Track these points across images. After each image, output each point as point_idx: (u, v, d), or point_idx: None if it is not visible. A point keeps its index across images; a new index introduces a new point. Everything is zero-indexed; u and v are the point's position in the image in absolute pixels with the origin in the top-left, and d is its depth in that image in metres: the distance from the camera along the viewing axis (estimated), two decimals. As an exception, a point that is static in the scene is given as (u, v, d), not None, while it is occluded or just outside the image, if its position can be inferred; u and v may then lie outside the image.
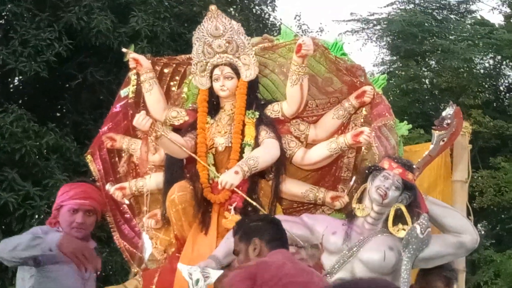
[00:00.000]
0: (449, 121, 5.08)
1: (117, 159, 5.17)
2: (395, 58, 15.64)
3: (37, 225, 9.82)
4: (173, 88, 5.16)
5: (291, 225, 4.30)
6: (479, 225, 12.11)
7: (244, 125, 4.75)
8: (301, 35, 5.16)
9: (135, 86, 5.04)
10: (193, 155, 4.72)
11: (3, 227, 10.05)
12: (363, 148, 4.66)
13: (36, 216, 10.04)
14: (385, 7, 16.23)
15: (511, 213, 13.02)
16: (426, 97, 13.97)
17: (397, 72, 14.68)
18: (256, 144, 4.70)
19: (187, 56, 5.05)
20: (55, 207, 4.59)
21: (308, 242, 4.44)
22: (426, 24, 15.21)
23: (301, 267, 3.78)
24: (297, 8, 41.51)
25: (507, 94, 14.59)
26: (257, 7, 14.85)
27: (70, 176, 10.42)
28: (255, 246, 3.75)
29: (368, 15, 16.26)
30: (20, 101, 11.79)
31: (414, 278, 4.69)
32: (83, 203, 4.45)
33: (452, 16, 16.03)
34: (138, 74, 5.02)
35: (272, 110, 4.81)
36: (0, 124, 10.26)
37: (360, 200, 4.43)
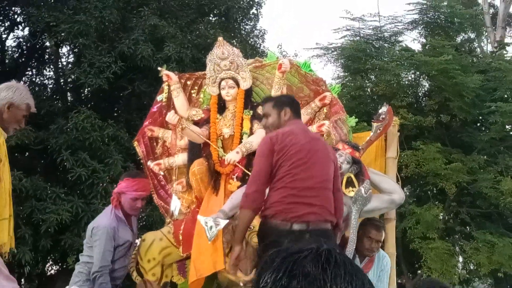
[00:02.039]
0: (383, 116, 5.11)
1: (155, 144, 5.18)
2: (346, 74, 15.57)
3: (102, 189, 9.98)
4: (193, 95, 5.16)
5: None
6: (404, 188, 12.09)
7: (242, 120, 4.75)
8: (281, 58, 5.11)
9: (167, 94, 5.03)
10: (208, 141, 4.73)
11: (78, 192, 10.05)
12: (324, 135, 4.63)
13: (100, 184, 10.07)
14: (339, 39, 16.18)
15: (426, 180, 13.04)
16: (368, 100, 13.92)
17: (348, 83, 14.61)
18: (251, 133, 4.71)
19: (203, 72, 5.04)
20: (118, 191, 4.65)
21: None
22: (367, 50, 15.14)
23: (311, 136, 3.85)
24: (279, 40, 42.10)
25: (423, 98, 14.58)
26: (251, 39, 14.84)
27: (123, 156, 10.48)
28: (286, 112, 3.79)
29: (328, 44, 16.17)
30: (88, 105, 11.77)
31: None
32: (141, 194, 4.61)
33: (385, 44, 15.97)
34: (169, 85, 5.02)
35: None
36: (75, 121, 10.26)
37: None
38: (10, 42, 14.02)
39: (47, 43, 13.22)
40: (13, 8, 13.46)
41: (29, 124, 10.79)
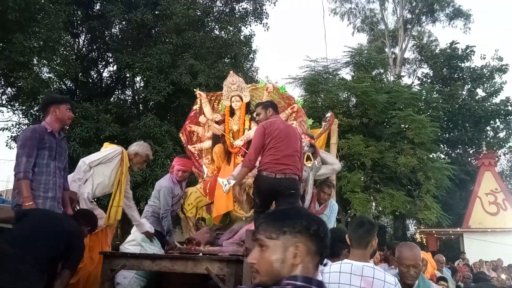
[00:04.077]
0: (328, 119, 5.08)
1: (192, 135, 5.11)
2: (306, 93, 15.41)
3: (160, 162, 9.94)
4: (215, 105, 5.09)
5: None
6: (341, 161, 12.08)
7: (244, 120, 4.71)
8: (268, 84, 5.07)
9: (199, 105, 4.98)
10: (224, 133, 4.70)
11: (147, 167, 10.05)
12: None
13: (160, 159, 10.02)
14: (302, 72, 16.07)
15: (354, 157, 13.03)
16: (319, 109, 13.76)
17: (307, 99, 14.40)
18: (249, 128, 4.66)
19: (220, 92, 4.98)
20: (172, 164, 4.49)
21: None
22: (319, 79, 15.06)
23: (285, 124, 3.83)
24: (266, 73, 41.72)
25: (352, 108, 14.39)
26: (250, 72, 14.73)
27: (173, 142, 10.43)
28: (269, 111, 3.80)
29: (295, 76, 16.16)
30: (152, 112, 11.68)
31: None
32: (180, 168, 4.34)
33: (330, 76, 15.88)
34: (200, 100, 4.97)
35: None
36: (144, 121, 10.24)
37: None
38: (105, 74, 14.01)
39: (127, 75, 13.11)
40: (107, 53, 13.39)
41: (117, 123, 10.75)
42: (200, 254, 3.69)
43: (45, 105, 3.20)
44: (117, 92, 14.21)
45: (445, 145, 18.40)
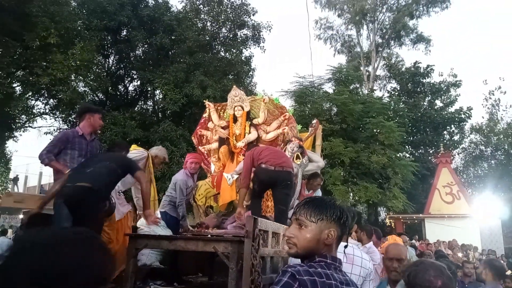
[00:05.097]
0: (314, 124, 5.07)
1: (202, 137, 5.08)
2: (296, 104, 15.38)
3: (176, 160, 9.87)
4: (221, 113, 5.06)
5: None
6: (324, 159, 12.02)
7: (245, 126, 4.69)
8: (264, 96, 5.07)
9: (207, 113, 4.96)
10: (228, 136, 4.67)
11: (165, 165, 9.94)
12: (285, 134, 4.60)
13: (175, 158, 9.96)
14: (293, 86, 16.07)
15: (335, 156, 12.98)
16: (307, 117, 13.67)
17: (296, 109, 14.39)
18: (249, 132, 4.64)
19: (225, 103, 4.96)
20: (185, 160, 4.32)
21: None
22: (306, 92, 14.99)
23: (274, 149, 3.84)
24: (263, 87, 41.56)
25: (334, 116, 14.47)
26: (250, 87, 14.74)
27: (186, 144, 10.38)
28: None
29: (287, 89, 16.14)
30: (170, 119, 11.66)
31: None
32: (194, 160, 4.22)
33: (315, 89, 15.84)
34: (209, 109, 4.94)
35: (254, 121, 4.75)
36: (162, 127, 10.20)
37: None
38: (130, 88, 13.98)
39: (149, 88, 13.10)
40: (132, 71, 13.37)
41: (140, 128, 10.72)
42: (209, 235, 3.67)
43: (82, 112, 3.20)
44: (140, 103, 14.19)
45: (409, 146, 18.45)
